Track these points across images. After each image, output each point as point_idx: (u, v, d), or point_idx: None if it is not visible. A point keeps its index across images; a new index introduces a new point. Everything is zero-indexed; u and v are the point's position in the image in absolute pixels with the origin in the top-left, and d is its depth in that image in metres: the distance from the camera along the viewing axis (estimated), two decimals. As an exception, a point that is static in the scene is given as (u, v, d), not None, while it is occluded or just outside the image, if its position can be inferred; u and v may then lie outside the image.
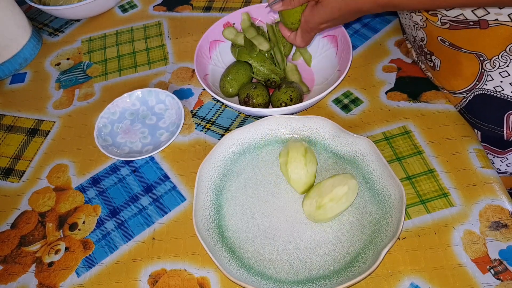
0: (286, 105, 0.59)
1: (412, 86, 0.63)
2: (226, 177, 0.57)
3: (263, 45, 0.64)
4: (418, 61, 0.65)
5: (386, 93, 0.63)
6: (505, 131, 0.56)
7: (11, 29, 0.76)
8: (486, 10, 0.46)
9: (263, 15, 0.70)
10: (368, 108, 0.62)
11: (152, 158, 0.62)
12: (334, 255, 0.49)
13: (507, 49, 0.49)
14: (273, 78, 0.65)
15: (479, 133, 0.59)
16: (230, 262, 0.48)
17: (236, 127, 0.63)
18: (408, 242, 0.50)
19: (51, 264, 0.54)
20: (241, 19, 0.69)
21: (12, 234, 0.58)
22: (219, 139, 0.62)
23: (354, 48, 0.69)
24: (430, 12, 0.52)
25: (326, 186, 0.50)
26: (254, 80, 0.67)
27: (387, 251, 0.45)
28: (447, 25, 0.52)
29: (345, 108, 0.63)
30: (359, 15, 0.50)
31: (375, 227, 0.49)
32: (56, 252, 0.55)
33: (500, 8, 0.45)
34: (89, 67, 0.77)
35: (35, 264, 0.54)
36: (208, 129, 0.64)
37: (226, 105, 0.67)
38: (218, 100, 0.67)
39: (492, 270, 0.46)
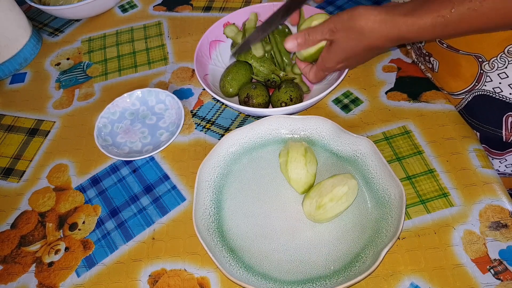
0: (286, 105, 0.59)
1: (412, 86, 0.64)
2: (226, 177, 0.57)
3: (258, 51, 0.64)
4: (418, 62, 0.65)
5: (386, 93, 0.63)
6: (503, 133, 0.56)
7: (11, 29, 0.76)
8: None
9: (265, 15, 0.70)
10: (368, 108, 0.62)
11: (152, 158, 0.62)
12: (334, 255, 0.49)
13: (506, 50, 0.49)
14: (273, 78, 0.65)
15: (478, 134, 0.59)
16: (230, 262, 0.48)
17: (236, 127, 0.63)
18: (408, 242, 0.50)
19: (51, 264, 0.54)
20: (248, 18, 0.69)
21: (12, 234, 0.58)
22: (219, 139, 0.62)
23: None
24: None
25: (326, 186, 0.50)
26: (254, 80, 0.67)
27: (387, 251, 0.45)
28: None
29: (345, 108, 0.63)
30: (374, 53, 0.50)
31: (375, 227, 0.49)
32: (56, 252, 0.55)
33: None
34: (89, 67, 0.77)
35: (35, 264, 0.54)
36: (208, 129, 0.64)
37: (226, 105, 0.67)
38: (218, 100, 0.67)
39: (492, 270, 0.46)
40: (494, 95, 0.54)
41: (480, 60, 0.52)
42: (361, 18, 0.45)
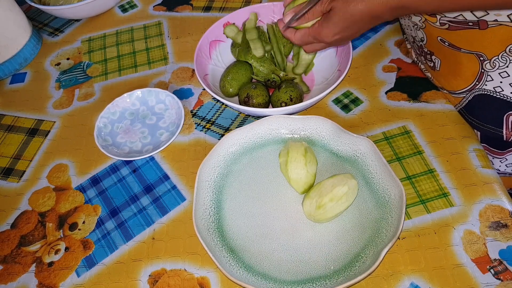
0: (286, 105, 0.59)
1: (412, 86, 0.63)
2: (226, 177, 0.57)
3: (258, 51, 0.64)
4: (418, 61, 0.65)
5: (386, 93, 0.63)
6: (504, 132, 0.56)
7: (11, 29, 0.76)
8: (485, 10, 0.46)
9: (265, 15, 0.70)
10: (368, 108, 0.62)
11: (152, 158, 0.62)
12: (334, 255, 0.49)
13: (507, 49, 0.49)
14: (273, 78, 0.65)
15: (479, 133, 0.59)
16: (230, 262, 0.48)
17: (236, 127, 0.63)
18: (408, 242, 0.50)
19: (51, 264, 0.54)
20: (248, 18, 0.69)
21: (12, 234, 0.58)
22: (219, 139, 0.62)
23: (354, 48, 0.69)
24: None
25: (326, 186, 0.50)
26: (254, 80, 0.67)
27: (387, 251, 0.45)
28: (446, 26, 0.52)
29: (345, 108, 0.63)
30: (372, 22, 0.48)
31: (375, 227, 0.49)
32: (56, 252, 0.55)
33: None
34: (89, 67, 0.77)
35: (35, 264, 0.54)
36: (208, 129, 0.64)
37: (226, 105, 0.67)
38: (218, 100, 0.67)
39: (492, 270, 0.46)
40: (495, 94, 0.54)
41: (481, 59, 0.52)
42: None
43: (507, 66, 0.50)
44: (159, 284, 0.50)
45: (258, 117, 0.63)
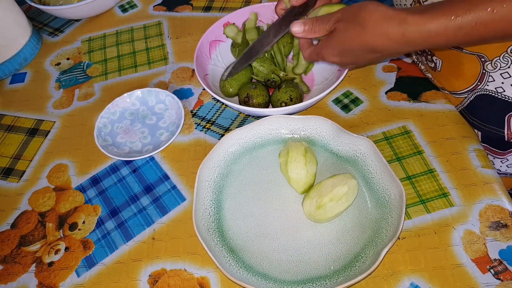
0: (286, 105, 0.59)
1: (412, 86, 0.63)
2: (226, 177, 0.57)
3: None
4: (418, 62, 0.65)
5: (386, 93, 0.63)
6: (505, 132, 0.56)
7: (11, 29, 0.76)
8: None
9: (265, 15, 0.70)
10: (368, 108, 0.62)
11: (152, 158, 0.62)
12: (334, 255, 0.49)
13: (508, 50, 0.49)
14: (273, 78, 0.65)
15: (480, 133, 0.59)
16: (230, 262, 0.48)
17: (236, 127, 0.63)
18: (408, 242, 0.50)
19: (51, 264, 0.54)
20: (248, 18, 0.69)
21: (12, 234, 0.58)
22: (219, 139, 0.62)
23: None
24: None
25: (326, 186, 0.50)
26: (254, 80, 0.67)
27: (387, 251, 0.45)
28: None
29: (345, 108, 0.63)
30: (371, 55, 0.46)
31: (375, 227, 0.49)
32: (56, 252, 0.55)
33: None
34: (89, 67, 0.77)
35: (35, 264, 0.54)
36: (208, 129, 0.64)
37: (226, 105, 0.67)
38: (218, 100, 0.67)
39: (492, 270, 0.46)
40: (496, 95, 0.54)
41: (482, 59, 0.52)
42: (366, 10, 0.42)
43: (509, 67, 0.50)
44: (159, 284, 0.50)
45: (258, 117, 0.63)
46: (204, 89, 0.68)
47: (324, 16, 0.49)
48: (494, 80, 0.53)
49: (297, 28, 0.51)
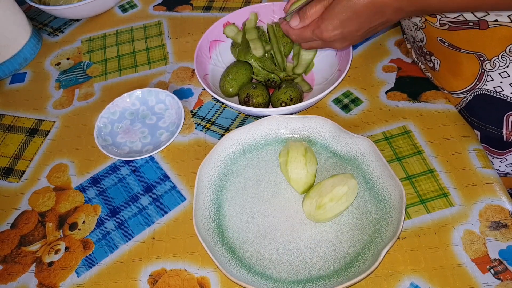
0: (286, 105, 0.59)
1: (412, 86, 0.63)
2: (226, 177, 0.57)
3: (258, 51, 0.64)
4: (418, 61, 0.65)
5: (386, 93, 0.63)
6: (504, 132, 0.56)
7: (11, 29, 0.76)
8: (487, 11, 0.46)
9: (265, 15, 0.70)
10: (368, 108, 0.62)
11: (152, 158, 0.62)
12: (334, 255, 0.49)
13: (507, 49, 0.49)
14: (273, 78, 0.65)
15: (479, 133, 0.59)
16: (230, 262, 0.48)
17: (236, 127, 0.63)
18: (408, 242, 0.50)
19: (51, 264, 0.54)
20: (248, 18, 0.69)
21: (12, 234, 0.58)
22: (219, 139, 0.62)
23: (354, 47, 0.69)
24: None
25: (326, 186, 0.50)
26: (254, 80, 0.67)
27: (387, 251, 0.45)
28: (446, 26, 0.52)
29: (345, 108, 0.63)
30: (375, 18, 0.44)
31: (375, 227, 0.49)
32: (56, 252, 0.55)
33: None
34: (89, 67, 0.77)
35: (35, 264, 0.54)
36: (208, 129, 0.64)
37: (226, 105, 0.67)
38: (218, 100, 0.67)
39: (492, 270, 0.46)
40: (495, 94, 0.54)
41: (481, 59, 0.52)
42: None
43: (507, 66, 0.50)
44: (159, 284, 0.50)
45: (258, 117, 0.63)
46: (204, 89, 0.68)
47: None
48: (492, 80, 0.53)
49: (294, 21, 0.49)
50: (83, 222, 0.57)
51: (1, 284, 0.53)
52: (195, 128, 0.64)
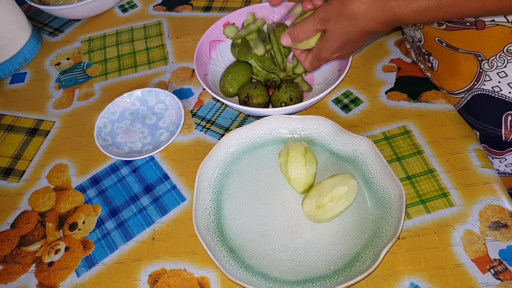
0: (286, 105, 0.59)
1: (412, 86, 0.64)
2: (226, 177, 0.57)
3: (259, 50, 0.64)
4: (417, 61, 0.65)
5: (386, 93, 0.63)
6: (503, 132, 0.56)
7: (11, 29, 0.76)
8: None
9: (265, 14, 0.70)
10: (368, 108, 0.62)
11: (152, 158, 0.62)
12: (334, 255, 0.49)
13: (505, 49, 0.49)
14: (273, 78, 0.65)
15: (478, 133, 0.59)
16: (230, 262, 0.48)
17: (236, 127, 0.63)
18: (408, 242, 0.50)
19: (51, 264, 0.54)
20: (246, 19, 0.69)
21: (12, 234, 0.58)
22: (219, 139, 0.62)
23: (354, 48, 0.69)
24: None
25: (326, 186, 0.50)
26: (254, 80, 0.67)
27: (387, 251, 0.45)
28: (444, 26, 0.52)
29: (345, 108, 0.63)
30: (368, 37, 0.49)
31: (375, 227, 0.49)
32: (56, 252, 0.55)
33: None
34: (89, 67, 0.77)
35: (35, 264, 0.54)
36: (208, 129, 0.64)
37: (226, 105, 0.67)
38: (218, 100, 0.67)
39: (492, 270, 0.46)
40: (493, 94, 0.54)
41: (479, 59, 0.52)
42: (351, 2, 0.44)
43: (505, 66, 0.50)
44: (159, 284, 0.50)
45: (258, 117, 0.63)
46: (204, 89, 0.68)
47: (305, 20, 0.50)
48: (491, 79, 0.53)
49: (284, 39, 0.53)
50: (83, 222, 0.57)
51: (1, 284, 0.53)
52: (195, 128, 0.64)
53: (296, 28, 0.51)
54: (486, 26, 0.48)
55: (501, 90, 0.53)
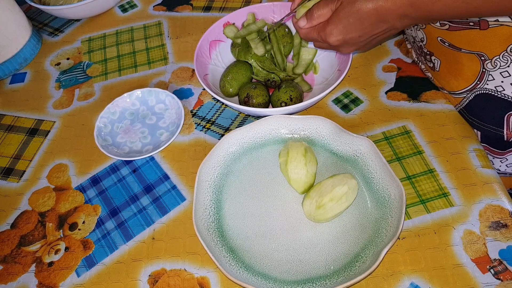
0: (286, 105, 0.59)
1: (412, 86, 0.63)
2: (226, 177, 0.57)
3: (259, 50, 0.64)
4: (418, 61, 0.65)
5: (386, 93, 0.63)
6: (505, 132, 0.56)
7: (11, 29, 0.76)
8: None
9: (265, 14, 0.70)
10: (368, 108, 0.62)
11: (152, 158, 0.62)
12: (334, 255, 0.49)
13: (508, 49, 0.49)
14: (273, 78, 0.65)
15: (479, 133, 0.59)
16: (230, 262, 0.48)
17: (236, 127, 0.63)
18: (408, 242, 0.50)
19: (51, 264, 0.54)
20: (246, 19, 0.69)
21: (12, 234, 0.58)
22: (219, 139, 0.62)
23: (356, 49, 0.69)
24: None
25: (326, 186, 0.50)
26: (254, 80, 0.67)
27: (387, 251, 0.45)
28: (447, 26, 0.52)
29: (345, 108, 0.63)
30: (378, 26, 0.46)
31: (375, 227, 0.49)
32: (56, 252, 0.55)
33: None
34: (89, 67, 0.77)
35: (35, 264, 0.54)
36: (208, 129, 0.64)
37: (226, 105, 0.67)
38: (218, 100, 0.67)
39: (492, 270, 0.46)
40: (496, 94, 0.54)
41: (482, 58, 0.52)
42: None
43: (508, 66, 0.50)
44: (159, 284, 0.50)
45: (258, 117, 0.63)
46: (204, 89, 0.68)
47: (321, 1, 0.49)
48: (494, 79, 0.53)
49: (302, 21, 0.51)
50: (83, 222, 0.57)
51: (1, 284, 0.53)
52: (195, 128, 0.64)
53: (314, 9, 0.50)
54: (490, 26, 0.48)
55: (504, 90, 0.53)
